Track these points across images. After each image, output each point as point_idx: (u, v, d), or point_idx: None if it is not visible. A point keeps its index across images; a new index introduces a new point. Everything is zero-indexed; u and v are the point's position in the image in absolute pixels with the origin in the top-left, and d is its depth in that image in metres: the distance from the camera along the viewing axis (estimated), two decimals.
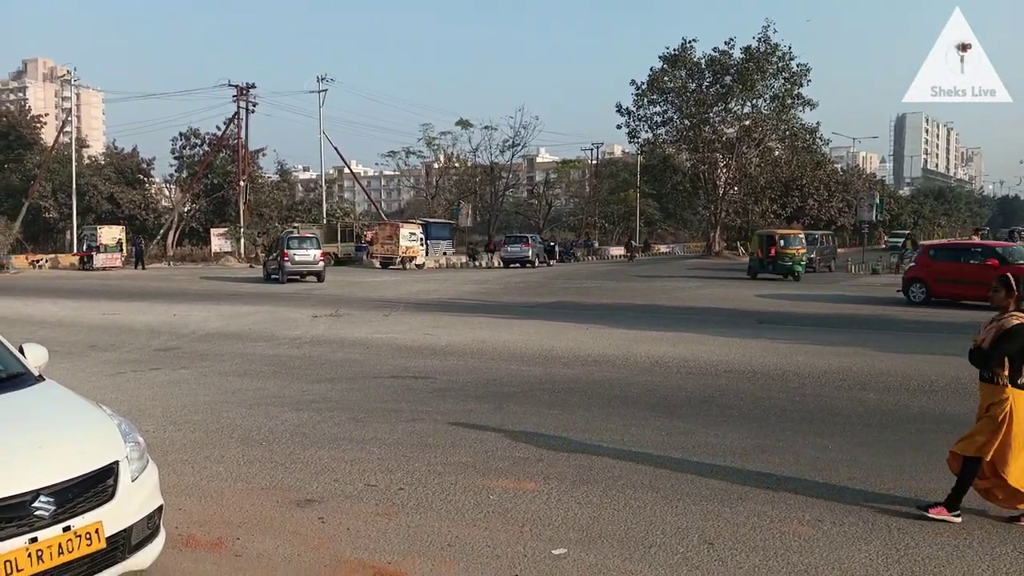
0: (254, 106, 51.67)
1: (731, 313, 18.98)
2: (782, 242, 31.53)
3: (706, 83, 56.18)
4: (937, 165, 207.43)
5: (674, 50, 56.05)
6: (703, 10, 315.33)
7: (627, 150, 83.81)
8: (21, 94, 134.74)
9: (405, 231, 42.21)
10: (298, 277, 30.31)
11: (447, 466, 6.35)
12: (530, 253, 43.18)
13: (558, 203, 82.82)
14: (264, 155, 62.30)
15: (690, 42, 55.80)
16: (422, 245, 43.69)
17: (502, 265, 44.10)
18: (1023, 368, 5.07)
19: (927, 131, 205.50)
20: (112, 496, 3.72)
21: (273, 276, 30.82)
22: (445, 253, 50.72)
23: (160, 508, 4.09)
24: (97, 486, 3.69)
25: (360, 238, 46.24)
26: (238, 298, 23.34)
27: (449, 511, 5.35)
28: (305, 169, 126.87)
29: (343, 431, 7.51)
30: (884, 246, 61.48)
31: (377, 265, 42.19)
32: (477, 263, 48.30)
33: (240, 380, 10.34)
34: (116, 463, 3.83)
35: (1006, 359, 5.07)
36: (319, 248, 31.41)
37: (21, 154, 58.35)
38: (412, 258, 42.22)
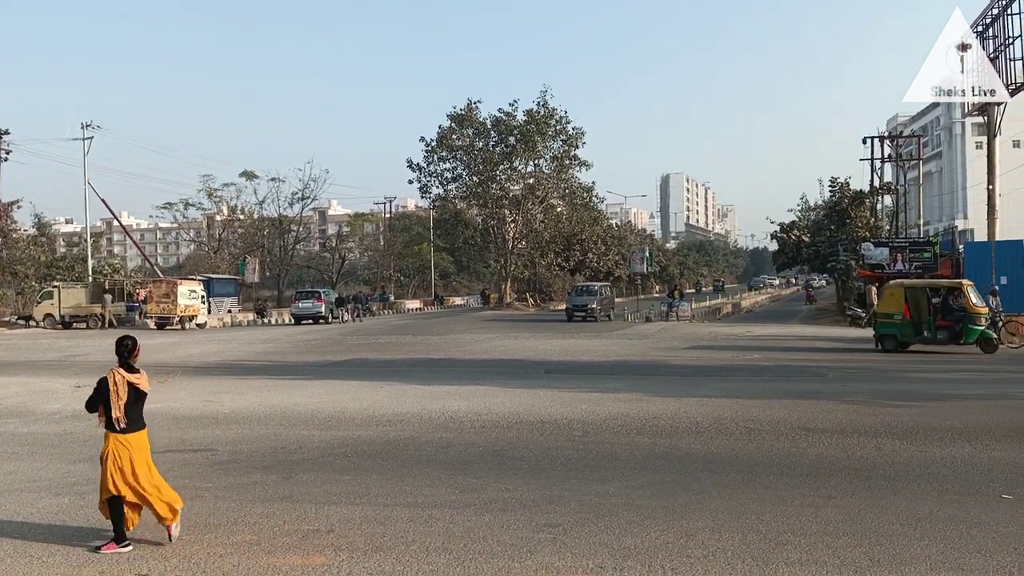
0: (8, 154, 46.51)
1: (521, 364, 19.64)
2: (974, 298, 21.81)
3: (492, 142, 58.76)
4: (698, 220, 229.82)
5: (461, 110, 58.20)
6: (489, 70, 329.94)
7: (420, 204, 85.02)
8: None
9: (184, 288, 39.61)
10: None
11: (229, 547, 5.97)
12: (323, 308, 42.16)
13: (352, 256, 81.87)
14: (19, 207, 56.04)
15: (475, 103, 58.31)
16: (203, 303, 41.19)
17: (293, 322, 42.67)
18: (112, 415, 5.94)
19: (688, 189, 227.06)
20: None
21: None
22: (230, 311, 48.18)
23: None
24: None
25: (132, 296, 42.63)
26: None
27: None
28: (68, 222, 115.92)
29: None
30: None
31: (152, 326, 39.12)
32: (266, 320, 46.34)
33: None
34: None
35: (100, 407, 6.00)
36: None
37: None
38: (192, 317, 39.64)
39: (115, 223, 68.31)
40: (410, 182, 60.63)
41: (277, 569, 5.49)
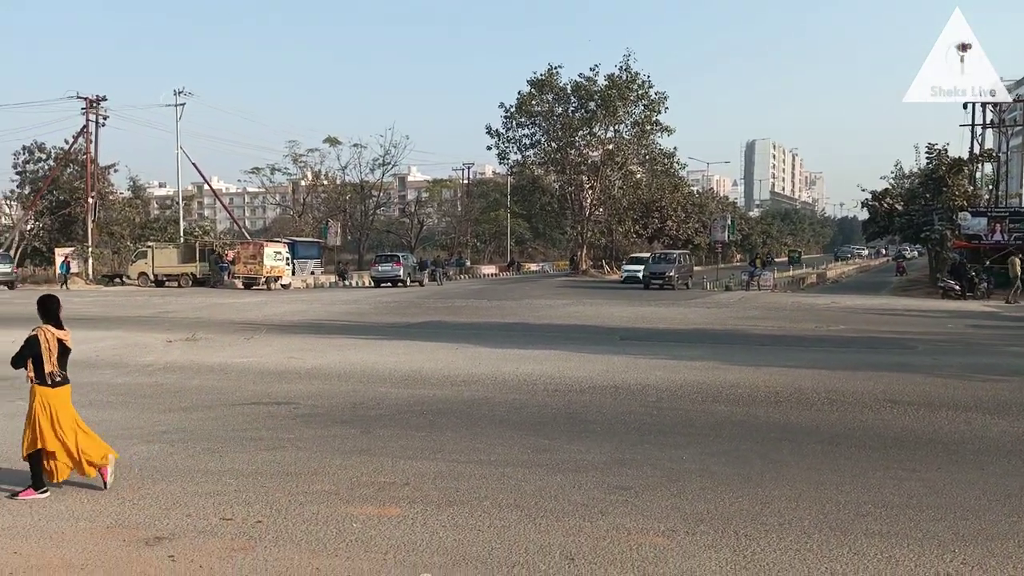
0: (105, 119, 48.70)
1: (595, 330, 19.56)
2: None
3: (572, 108, 58.10)
4: (784, 188, 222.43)
5: (541, 75, 57.67)
6: (572, 35, 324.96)
7: (497, 171, 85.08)
8: None
9: (270, 250, 40.93)
10: None
11: (309, 495, 6.18)
12: (401, 272, 42.86)
13: (430, 222, 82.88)
14: (116, 171, 58.67)
15: (556, 68, 57.66)
16: (288, 264, 42.48)
17: (372, 284, 43.60)
18: (44, 370, 6.15)
19: (774, 156, 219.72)
20: None
21: None
22: (313, 272, 49.54)
23: None
24: None
25: (221, 257, 44.33)
26: (86, 323, 21.79)
27: (310, 542, 5.21)
28: (161, 185, 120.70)
29: (197, 463, 7.17)
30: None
31: (239, 286, 40.65)
32: (347, 283, 47.46)
33: (84, 412, 9.55)
34: None
35: (29, 362, 6.18)
36: (12, 264, 42.99)
37: None
38: (277, 278, 40.96)
39: (206, 187, 70.78)
40: (488, 148, 60.93)
41: (354, 518, 5.66)
